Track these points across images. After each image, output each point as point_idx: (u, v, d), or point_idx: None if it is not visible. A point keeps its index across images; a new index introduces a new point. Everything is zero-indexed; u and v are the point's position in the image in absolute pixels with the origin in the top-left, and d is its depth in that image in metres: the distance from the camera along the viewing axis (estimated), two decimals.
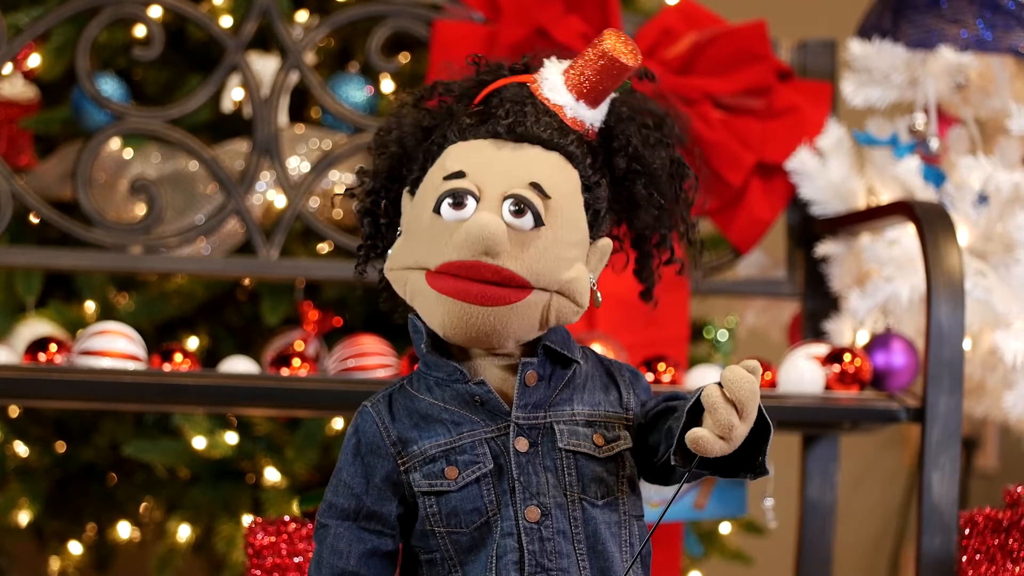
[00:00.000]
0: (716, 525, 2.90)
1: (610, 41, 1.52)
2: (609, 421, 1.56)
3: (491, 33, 2.49)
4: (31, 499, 2.76)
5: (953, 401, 2.22)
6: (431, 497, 1.51)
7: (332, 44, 2.76)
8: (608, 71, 1.52)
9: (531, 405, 1.53)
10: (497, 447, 1.52)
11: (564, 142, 1.54)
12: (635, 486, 1.56)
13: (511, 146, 1.53)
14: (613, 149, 1.59)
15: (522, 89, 1.56)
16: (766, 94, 2.56)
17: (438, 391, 1.54)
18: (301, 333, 2.49)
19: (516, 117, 1.53)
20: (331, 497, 1.56)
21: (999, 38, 2.48)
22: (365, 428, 1.55)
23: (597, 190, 1.56)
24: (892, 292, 2.41)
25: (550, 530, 1.50)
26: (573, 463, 1.53)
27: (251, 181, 2.49)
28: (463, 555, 1.51)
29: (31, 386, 2.23)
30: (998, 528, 2.08)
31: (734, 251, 2.61)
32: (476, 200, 1.50)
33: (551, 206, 1.50)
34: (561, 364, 1.55)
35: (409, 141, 1.59)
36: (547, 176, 1.51)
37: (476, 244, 1.46)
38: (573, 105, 1.55)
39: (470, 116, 1.56)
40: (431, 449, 1.52)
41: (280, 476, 2.65)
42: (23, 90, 2.64)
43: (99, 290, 2.71)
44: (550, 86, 1.55)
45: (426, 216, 1.51)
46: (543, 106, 1.55)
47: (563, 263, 1.51)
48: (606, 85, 1.54)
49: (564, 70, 1.56)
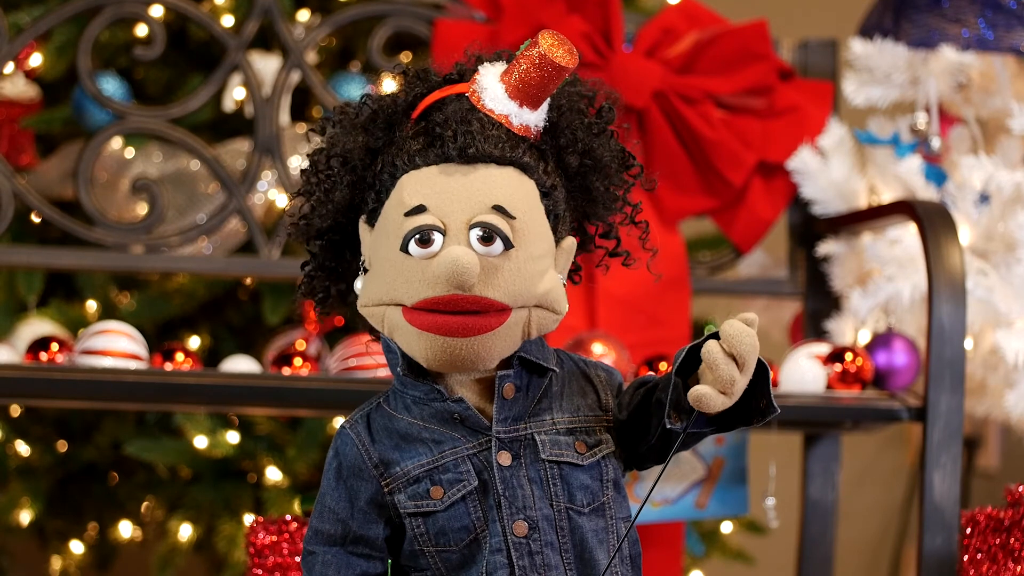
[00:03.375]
0: (717, 524, 2.89)
1: (546, 43, 1.49)
2: (590, 426, 1.54)
3: (493, 32, 2.49)
4: (32, 498, 2.76)
5: (954, 400, 2.22)
6: (418, 518, 1.50)
7: (333, 43, 2.76)
8: (547, 74, 1.49)
9: (511, 418, 1.52)
10: (480, 463, 1.50)
11: (516, 155, 1.50)
12: (620, 488, 1.55)
13: (464, 169, 1.49)
14: (561, 146, 1.55)
15: (462, 102, 1.51)
16: (767, 93, 2.56)
17: (416, 410, 1.53)
18: (302, 332, 2.49)
19: (465, 138, 1.49)
20: (316, 523, 1.54)
21: (1000, 37, 2.48)
22: (346, 451, 1.53)
23: (555, 193, 1.53)
24: (893, 291, 2.41)
25: (539, 543, 1.49)
26: (557, 473, 1.51)
27: (252, 180, 2.49)
28: (454, 572, 1.50)
29: (32, 385, 2.23)
30: (999, 527, 2.08)
31: (735, 250, 2.62)
32: (442, 234, 1.47)
33: (517, 226, 1.48)
34: (537, 374, 1.53)
35: (358, 165, 1.54)
36: (507, 195, 1.48)
37: (451, 279, 1.44)
38: (517, 112, 1.51)
39: (415, 139, 1.51)
40: (414, 470, 1.51)
41: (281, 475, 2.65)
42: (24, 89, 2.64)
43: (100, 289, 2.71)
44: (491, 96, 1.51)
45: (393, 255, 1.49)
46: (487, 118, 1.50)
47: (536, 277, 1.49)
48: (546, 87, 1.50)
49: (501, 76, 1.51)
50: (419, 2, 2.56)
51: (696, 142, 2.52)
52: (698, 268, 2.60)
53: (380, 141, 1.54)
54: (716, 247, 2.74)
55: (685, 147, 2.53)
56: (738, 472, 2.52)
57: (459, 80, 1.54)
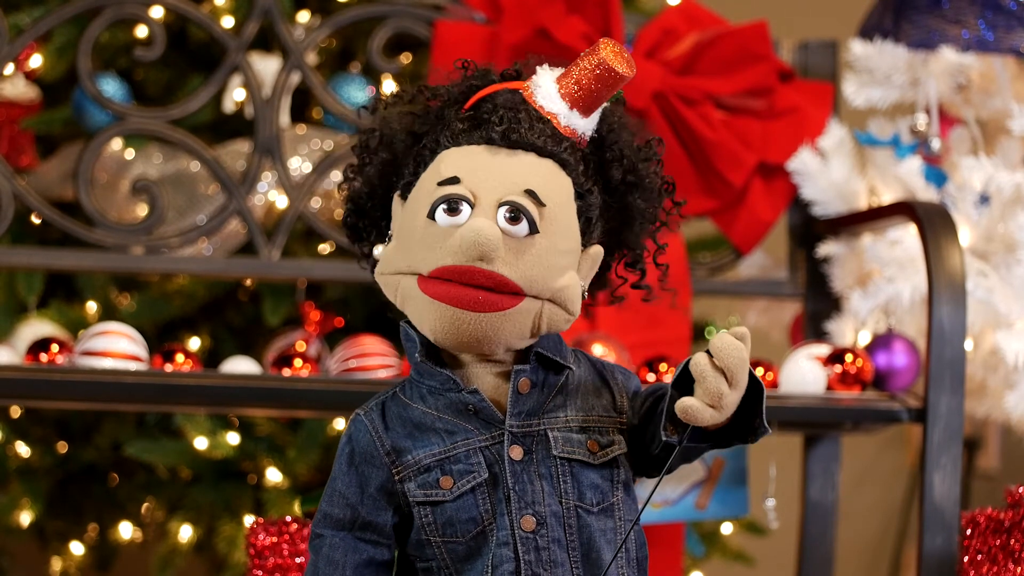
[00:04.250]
0: (718, 525, 2.90)
1: (606, 50, 1.52)
2: (603, 426, 1.55)
3: (492, 34, 2.50)
4: (33, 499, 2.76)
5: (955, 401, 2.22)
6: (426, 507, 1.51)
7: (333, 44, 2.76)
8: (604, 80, 1.52)
9: (524, 413, 1.52)
10: (491, 456, 1.51)
11: (558, 149, 1.53)
12: (630, 490, 1.56)
13: (505, 152, 1.52)
14: (606, 159, 1.58)
15: (515, 96, 1.55)
16: (767, 94, 2.56)
17: (431, 399, 1.53)
18: (303, 333, 2.49)
19: (510, 123, 1.52)
20: (326, 507, 1.55)
21: (1000, 38, 2.48)
22: (359, 437, 1.54)
23: (590, 197, 1.55)
24: (894, 292, 2.41)
25: (546, 539, 1.50)
26: (568, 470, 1.52)
27: (252, 181, 2.49)
28: (459, 564, 1.51)
29: (33, 386, 2.23)
30: (1000, 528, 2.08)
31: (735, 251, 2.62)
32: (471, 206, 1.49)
33: (546, 214, 1.50)
34: (554, 370, 1.54)
35: (399, 146, 1.58)
36: (542, 183, 1.51)
37: (471, 249, 1.46)
38: (567, 113, 1.54)
39: (463, 121, 1.54)
40: (425, 459, 1.51)
41: (282, 476, 2.65)
42: (25, 90, 2.64)
43: (101, 290, 2.71)
44: (544, 93, 1.54)
45: (420, 221, 1.51)
46: (536, 113, 1.53)
47: (556, 271, 1.51)
48: (601, 94, 1.53)
49: (557, 78, 1.54)
50: (419, 3, 2.56)
51: (696, 143, 2.52)
52: (698, 269, 2.60)
53: (426, 127, 1.57)
54: (716, 248, 2.74)
55: (685, 148, 2.53)
56: (738, 473, 2.52)
57: (516, 78, 1.58)
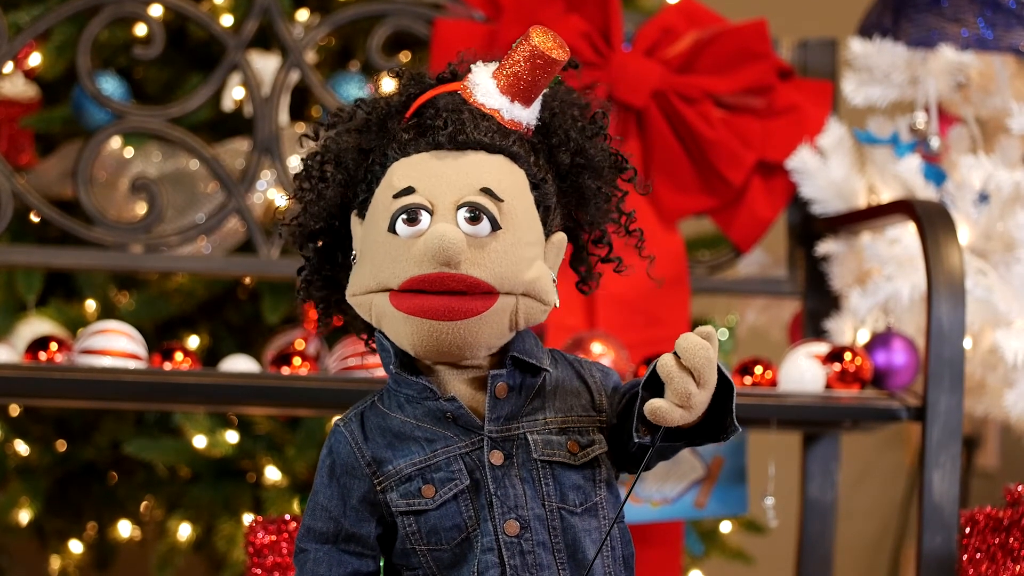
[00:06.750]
0: (717, 524, 2.90)
1: (537, 38, 1.51)
2: (583, 426, 1.55)
3: (492, 32, 2.50)
4: (32, 498, 2.76)
5: (954, 400, 2.22)
6: (409, 516, 1.50)
7: (333, 43, 2.76)
8: (539, 68, 1.51)
9: (503, 417, 1.52)
10: (472, 462, 1.51)
11: (506, 143, 1.52)
12: (613, 488, 1.55)
13: (454, 155, 1.51)
14: (553, 145, 1.57)
15: (454, 97, 1.54)
16: (767, 93, 2.56)
17: (409, 408, 1.53)
18: (302, 332, 2.49)
19: (455, 125, 1.51)
20: (309, 521, 1.54)
21: (1000, 37, 2.48)
22: (339, 449, 1.54)
23: (545, 186, 1.55)
24: (893, 291, 2.41)
25: (530, 543, 1.50)
26: (550, 472, 1.52)
27: (252, 180, 2.49)
28: (446, 571, 1.51)
29: (32, 385, 2.23)
30: (999, 527, 2.08)
31: (735, 250, 2.62)
32: (430, 213, 1.48)
33: (504, 209, 1.49)
34: (531, 373, 1.54)
35: (350, 165, 1.56)
36: (496, 179, 1.50)
37: (437, 255, 1.45)
38: (508, 107, 1.53)
39: (407, 131, 1.53)
40: (406, 468, 1.51)
41: (281, 475, 2.65)
42: (24, 89, 2.64)
43: (100, 289, 2.72)
44: (482, 91, 1.53)
45: (381, 236, 1.50)
46: (479, 111, 1.53)
47: (524, 263, 1.50)
48: (538, 82, 1.53)
49: (493, 73, 1.54)
50: (418, 2, 2.56)
51: (695, 141, 2.52)
52: (697, 267, 2.60)
53: (373, 142, 1.56)
54: (715, 246, 2.74)
55: (684, 146, 2.53)
56: (737, 471, 2.52)
57: (452, 79, 1.57)
